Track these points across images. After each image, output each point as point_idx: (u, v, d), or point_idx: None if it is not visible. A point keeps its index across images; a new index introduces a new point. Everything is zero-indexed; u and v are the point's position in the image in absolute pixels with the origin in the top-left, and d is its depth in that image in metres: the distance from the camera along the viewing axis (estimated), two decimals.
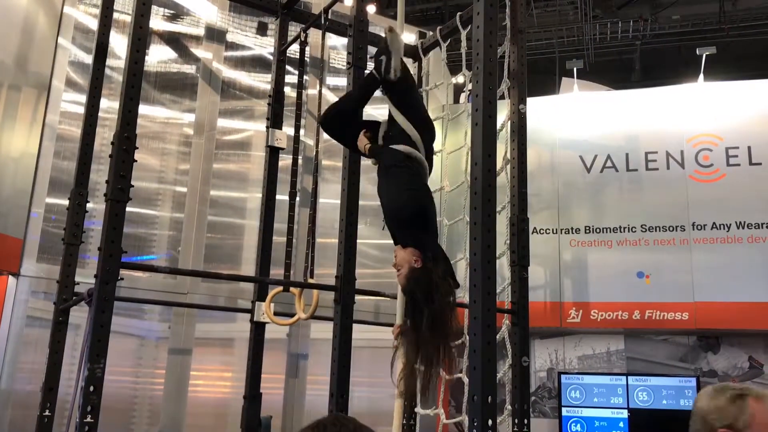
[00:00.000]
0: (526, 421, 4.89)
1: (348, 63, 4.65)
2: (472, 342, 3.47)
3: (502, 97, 5.65)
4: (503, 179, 5.49)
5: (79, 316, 5.09)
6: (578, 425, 6.86)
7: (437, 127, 7.04)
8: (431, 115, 6.58)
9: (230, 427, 5.92)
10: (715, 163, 7.00)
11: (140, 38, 4.12)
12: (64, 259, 4.91)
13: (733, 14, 10.94)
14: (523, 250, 5.20)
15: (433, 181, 6.94)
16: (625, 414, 6.76)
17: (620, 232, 7.08)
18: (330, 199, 6.62)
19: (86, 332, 3.85)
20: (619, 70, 12.41)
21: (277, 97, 5.76)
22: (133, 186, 3.91)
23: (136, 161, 3.95)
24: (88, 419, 3.57)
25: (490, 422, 3.26)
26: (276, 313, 5.24)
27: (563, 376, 6.99)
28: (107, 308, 3.73)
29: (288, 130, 5.74)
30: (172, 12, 6.94)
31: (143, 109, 6.33)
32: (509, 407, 5.05)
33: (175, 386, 6.10)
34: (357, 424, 1.38)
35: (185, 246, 6.38)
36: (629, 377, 6.82)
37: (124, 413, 6.04)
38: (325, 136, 7.40)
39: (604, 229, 7.14)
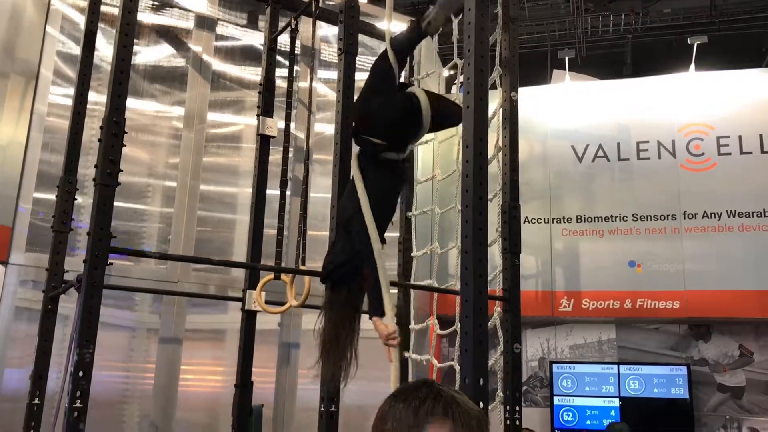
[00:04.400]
0: (517, 408, 4.88)
1: (339, 50, 4.62)
2: (464, 325, 3.46)
3: (494, 87, 5.65)
4: (495, 168, 5.50)
5: (69, 306, 5.05)
6: (570, 414, 6.87)
7: None
8: None
9: (222, 422, 5.87)
10: (706, 152, 7.02)
11: (129, 23, 4.09)
12: (53, 247, 4.87)
13: (723, 8, 10.95)
14: (515, 237, 5.18)
15: (425, 170, 6.98)
16: (616, 402, 6.77)
17: (612, 221, 7.09)
18: (321, 193, 6.59)
19: (75, 318, 3.81)
20: (611, 65, 12.41)
21: (267, 86, 5.73)
22: (122, 171, 3.87)
23: (125, 146, 3.92)
24: (77, 404, 3.54)
25: (481, 405, 3.26)
26: (267, 302, 5.23)
27: (555, 366, 7.00)
28: (96, 294, 3.69)
29: (278, 123, 5.71)
30: (160, 2, 6.89)
31: (133, 102, 6.31)
32: (501, 394, 5.04)
33: (165, 376, 6.06)
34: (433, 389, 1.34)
35: (175, 240, 6.33)
36: (621, 366, 6.84)
37: (115, 407, 6.00)
38: (317, 128, 7.41)
39: (596, 219, 7.15)
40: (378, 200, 3.54)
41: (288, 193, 5.68)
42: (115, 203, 3.89)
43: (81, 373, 3.57)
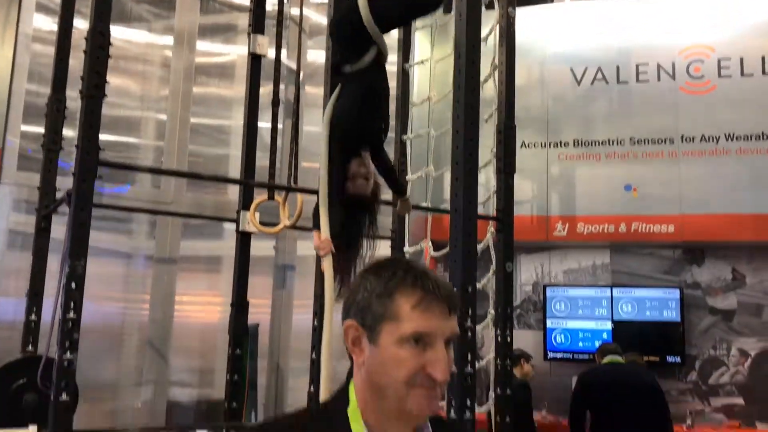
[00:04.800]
0: (508, 324, 4.95)
1: None
2: (453, 236, 3.46)
3: (491, 6, 5.52)
4: (491, 90, 5.42)
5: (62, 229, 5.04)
6: (562, 337, 6.96)
7: (424, 37, 6.93)
8: (419, 24, 6.47)
9: (219, 348, 5.92)
10: (706, 75, 6.90)
11: None
12: (44, 166, 4.86)
13: None
14: (510, 157, 5.15)
15: (421, 92, 6.89)
16: (609, 325, 6.85)
17: (609, 145, 7.03)
18: (313, 126, 6.49)
19: (67, 232, 3.82)
20: None
21: (258, 2, 5.59)
22: (108, 83, 3.82)
23: (111, 57, 3.85)
24: (71, 315, 3.57)
25: (470, 311, 3.29)
26: (261, 224, 5.23)
27: (548, 289, 7.05)
28: (86, 206, 3.69)
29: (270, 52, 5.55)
30: None
31: (122, 31, 6.17)
32: (492, 312, 5.10)
33: (162, 301, 6.09)
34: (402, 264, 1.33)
35: (166, 181, 6.26)
36: (614, 289, 6.89)
37: (115, 336, 6.07)
38: (309, 58, 7.26)
39: (593, 143, 7.09)
40: (344, 116, 3.41)
41: (280, 126, 5.60)
42: (107, 137, 3.87)
43: (74, 285, 3.60)
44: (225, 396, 5.19)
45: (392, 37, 5.81)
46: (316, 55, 7.09)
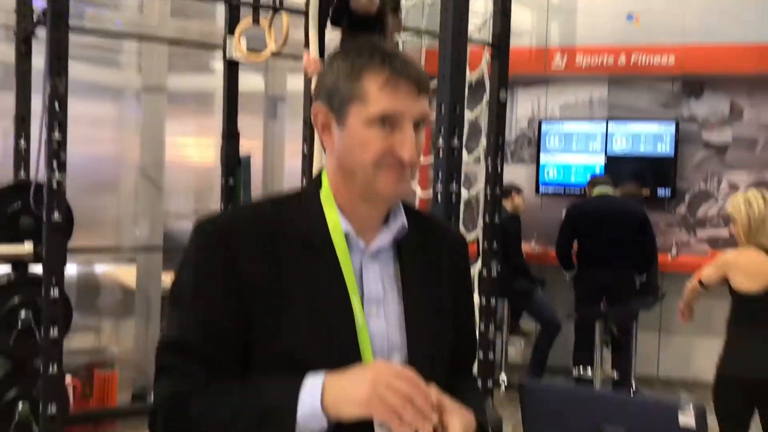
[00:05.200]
0: (500, 154, 4.94)
1: None
2: (442, 55, 3.36)
3: None
4: None
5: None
6: (555, 171, 7.00)
7: None
8: None
9: (215, 186, 5.90)
10: None
11: None
12: None
13: None
14: None
15: None
16: (602, 160, 6.86)
17: None
18: None
19: (46, 53, 3.70)
20: None
21: None
22: None
23: None
24: (56, 136, 3.56)
25: (456, 130, 3.26)
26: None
27: (544, 123, 6.99)
28: (62, 24, 3.57)
29: None
30: None
31: None
32: (484, 141, 5.08)
33: (151, 137, 6.00)
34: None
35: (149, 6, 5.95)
36: (609, 123, 6.82)
37: (108, 177, 6.05)
38: None
39: None
40: None
41: None
42: None
43: (57, 105, 3.56)
44: None
45: None
46: None
